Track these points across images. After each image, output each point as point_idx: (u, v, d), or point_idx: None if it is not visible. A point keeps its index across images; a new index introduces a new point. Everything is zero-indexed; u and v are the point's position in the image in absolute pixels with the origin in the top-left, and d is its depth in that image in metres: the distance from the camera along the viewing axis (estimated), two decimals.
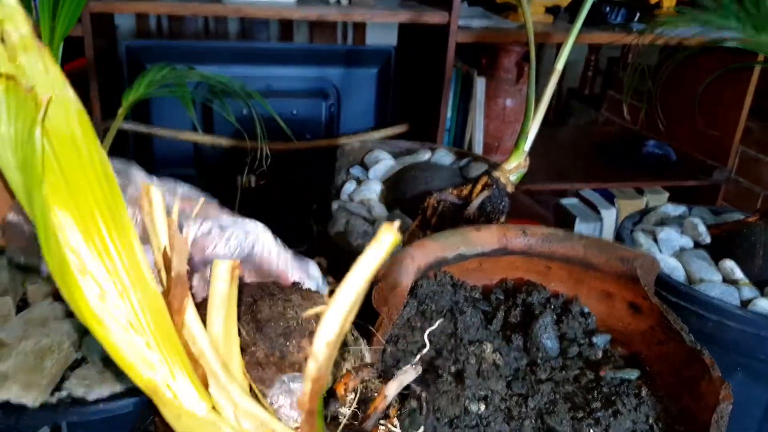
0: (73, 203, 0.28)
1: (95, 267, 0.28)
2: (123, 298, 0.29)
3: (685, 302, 0.64)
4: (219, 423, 0.31)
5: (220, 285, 0.33)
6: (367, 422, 0.39)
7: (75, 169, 0.27)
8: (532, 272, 0.70)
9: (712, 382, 0.58)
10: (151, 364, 0.30)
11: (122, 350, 0.30)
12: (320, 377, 0.28)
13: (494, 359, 0.64)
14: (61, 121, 0.27)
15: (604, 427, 0.60)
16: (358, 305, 0.28)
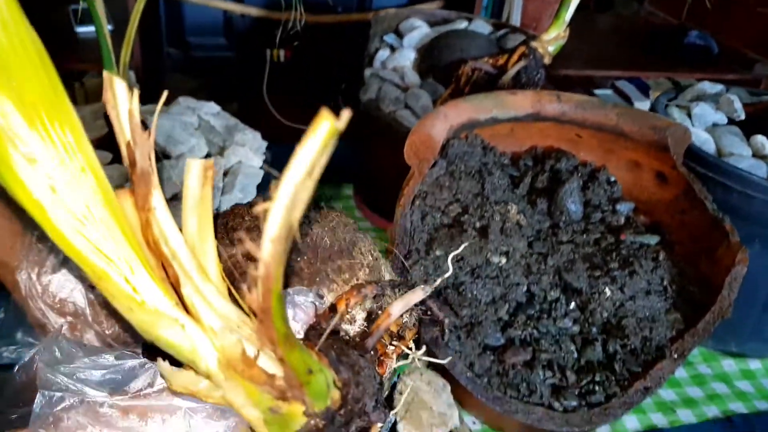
0: (10, 89, 0.26)
1: (43, 156, 0.27)
2: (74, 189, 0.28)
3: (713, 173, 0.65)
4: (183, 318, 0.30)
5: (193, 184, 0.31)
6: (369, 340, 0.38)
7: (7, 53, 0.25)
8: (562, 140, 0.71)
9: (730, 247, 0.60)
10: (106, 257, 0.29)
11: (74, 242, 0.28)
12: (269, 275, 0.26)
13: (518, 219, 0.66)
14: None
15: (620, 285, 0.63)
16: (305, 200, 0.27)
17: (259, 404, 0.30)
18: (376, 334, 0.38)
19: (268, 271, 0.26)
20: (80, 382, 0.34)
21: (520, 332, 0.62)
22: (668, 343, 0.61)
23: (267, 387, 0.30)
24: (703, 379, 0.73)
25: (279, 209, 0.25)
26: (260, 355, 0.30)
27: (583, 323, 0.64)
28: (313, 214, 0.47)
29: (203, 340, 0.30)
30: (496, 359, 0.61)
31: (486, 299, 0.62)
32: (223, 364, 0.30)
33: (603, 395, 0.60)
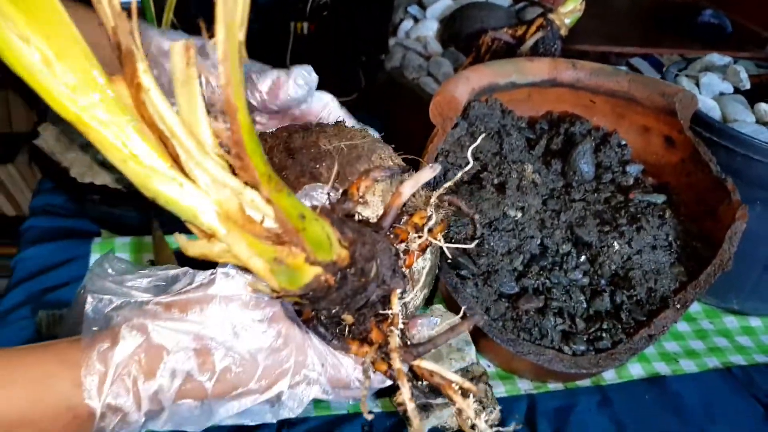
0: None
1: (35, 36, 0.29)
2: (65, 61, 0.30)
3: (718, 138, 0.69)
4: (180, 178, 0.32)
5: (178, 65, 0.31)
6: (384, 219, 0.39)
7: None
8: (577, 105, 0.75)
9: (731, 204, 0.64)
10: (101, 121, 0.31)
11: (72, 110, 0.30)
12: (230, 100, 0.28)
13: (533, 178, 0.71)
14: None
15: (628, 240, 0.68)
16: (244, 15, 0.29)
17: (262, 254, 0.32)
18: (390, 213, 0.39)
19: (228, 95, 0.28)
20: (128, 288, 0.38)
21: (534, 282, 0.67)
22: (672, 294, 0.66)
23: (269, 237, 0.32)
24: (705, 333, 0.78)
25: (220, 23, 0.28)
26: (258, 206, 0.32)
27: (592, 275, 0.68)
28: (331, 129, 0.49)
29: (201, 196, 0.32)
30: (510, 305, 0.66)
31: (502, 250, 0.67)
32: (222, 217, 0.32)
33: (610, 341, 0.65)
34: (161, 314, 0.36)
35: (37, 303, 0.71)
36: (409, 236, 0.40)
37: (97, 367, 0.34)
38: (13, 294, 0.73)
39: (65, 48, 0.30)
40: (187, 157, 0.32)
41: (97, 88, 0.31)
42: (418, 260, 0.43)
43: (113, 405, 0.34)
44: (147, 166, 0.32)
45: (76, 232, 0.82)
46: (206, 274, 0.38)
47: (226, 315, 0.36)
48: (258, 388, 0.37)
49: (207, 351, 0.36)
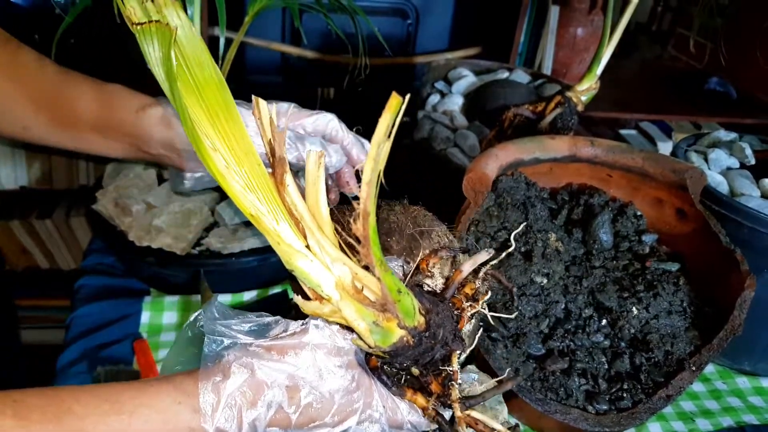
0: (202, 102, 0.41)
1: (220, 146, 0.41)
2: (240, 167, 0.41)
3: (726, 211, 0.75)
4: (310, 256, 0.42)
5: (311, 167, 0.43)
6: (447, 291, 0.48)
7: (200, 76, 0.40)
8: (595, 179, 0.82)
9: (741, 274, 0.70)
10: (262, 212, 0.42)
11: (243, 203, 0.42)
12: (366, 209, 0.38)
13: (557, 246, 0.76)
14: (188, 46, 0.41)
15: (645, 305, 0.73)
16: (385, 154, 0.38)
17: (365, 318, 0.41)
18: (452, 286, 0.48)
19: (365, 206, 0.38)
20: (234, 331, 0.45)
21: (559, 344, 0.72)
22: (687, 356, 0.70)
23: (370, 305, 0.42)
24: (719, 393, 0.82)
25: (370, 161, 0.37)
26: (363, 280, 0.42)
27: (613, 338, 0.73)
28: (398, 207, 0.58)
29: (324, 271, 0.42)
30: (537, 366, 0.70)
31: (530, 314, 0.72)
32: (339, 287, 0.41)
33: (630, 401, 0.69)
34: (264, 355, 0.43)
35: (94, 358, 0.76)
36: (463, 305, 0.48)
37: (212, 396, 0.40)
38: (70, 350, 0.79)
39: (242, 157, 0.41)
40: (311, 237, 0.43)
41: (260, 187, 0.42)
42: (467, 324, 0.49)
43: (221, 428, 0.40)
44: (289, 245, 0.42)
45: (127, 291, 0.88)
46: (298, 323, 0.46)
47: (315, 360, 0.43)
48: (331, 423, 0.43)
49: (296, 388, 0.42)
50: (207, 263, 0.80)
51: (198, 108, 0.41)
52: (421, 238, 0.54)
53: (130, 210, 0.84)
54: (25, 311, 1.75)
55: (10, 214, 1.59)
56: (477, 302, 0.49)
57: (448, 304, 0.47)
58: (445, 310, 0.45)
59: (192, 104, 0.41)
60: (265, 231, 0.42)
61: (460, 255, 0.51)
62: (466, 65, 1.07)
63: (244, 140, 0.42)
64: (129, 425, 0.39)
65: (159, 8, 0.41)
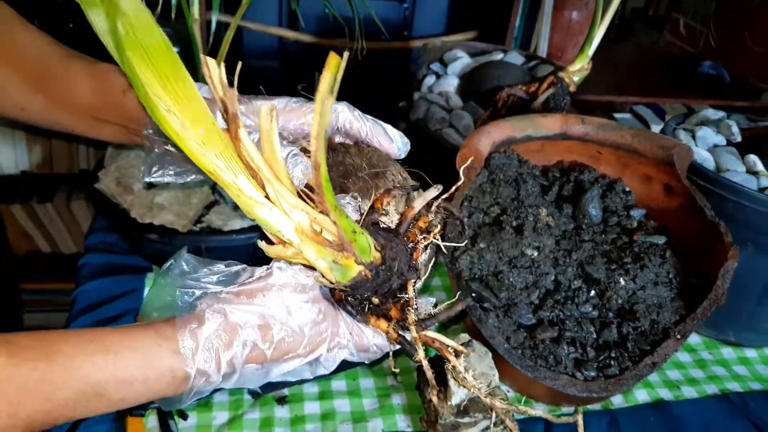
0: (153, 66, 0.42)
1: (174, 107, 0.43)
2: (195, 126, 0.43)
3: (712, 186, 0.77)
4: (270, 205, 0.45)
5: (265, 123, 0.46)
6: (401, 227, 0.52)
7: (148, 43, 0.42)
8: (585, 156, 0.84)
9: (724, 246, 0.72)
10: (220, 168, 0.44)
11: (201, 161, 0.44)
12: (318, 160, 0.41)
13: (547, 221, 0.79)
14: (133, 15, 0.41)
15: (632, 276, 0.75)
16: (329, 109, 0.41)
17: (325, 257, 0.45)
18: (405, 222, 0.51)
19: (316, 158, 0.41)
20: (203, 283, 0.49)
21: (549, 314, 0.75)
22: (672, 325, 0.73)
23: (329, 245, 0.45)
24: (704, 363, 0.85)
25: (316, 115, 0.40)
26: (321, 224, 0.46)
27: (601, 308, 0.76)
28: (353, 149, 0.60)
29: (283, 217, 0.45)
30: (528, 335, 0.73)
31: (520, 285, 0.75)
32: (298, 231, 0.45)
33: (617, 368, 0.72)
34: (234, 300, 0.46)
35: None
36: (417, 237, 0.52)
37: (190, 342, 0.44)
38: (74, 325, 0.81)
39: (196, 117, 0.44)
40: (269, 187, 0.46)
41: (216, 144, 0.44)
42: (422, 255, 0.54)
43: (201, 369, 0.44)
44: (249, 196, 0.45)
45: (130, 268, 0.90)
46: (263, 268, 0.49)
47: (282, 299, 0.47)
48: (304, 353, 0.48)
49: (268, 326, 0.46)
50: (208, 240, 0.82)
51: (149, 73, 0.42)
52: (376, 178, 0.56)
53: (131, 188, 0.86)
54: (27, 295, 1.78)
55: (12, 199, 1.61)
56: (430, 234, 0.53)
57: (402, 238, 0.51)
58: (400, 244, 0.49)
59: (143, 70, 0.42)
60: (225, 185, 0.45)
61: (413, 192, 0.54)
62: (462, 47, 1.09)
63: (197, 101, 0.44)
64: (114, 364, 0.42)
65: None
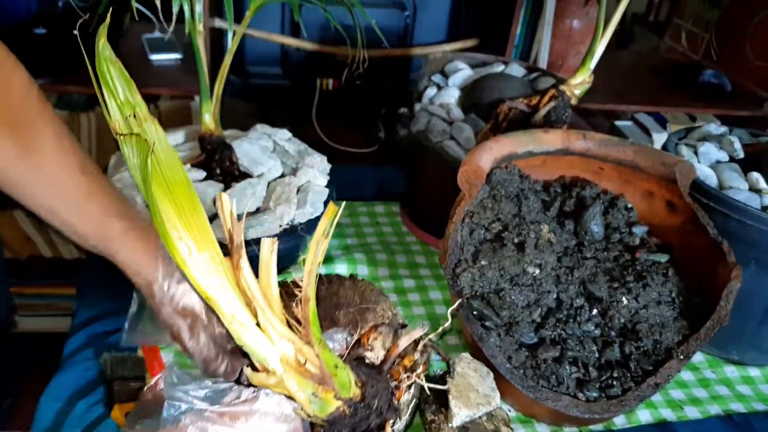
0: (172, 199, 0.47)
1: (186, 236, 0.47)
2: (202, 253, 0.48)
3: (714, 204, 0.76)
4: (259, 333, 0.49)
5: (264, 253, 0.50)
6: (385, 364, 0.54)
7: (171, 178, 0.47)
8: (587, 171, 0.83)
9: (727, 265, 0.72)
10: (219, 293, 0.48)
11: (202, 285, 0.48)
12: (307, 295, 0.46)
13: (549, 238, 0.78)
14: (162, 154, 0.47)
15: (635, 295, 0.75)
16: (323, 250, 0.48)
17: (305, 389, 0.47)
18: (389, 360, 0.54)
19: (306, 293, 0.45)
20: (191, 397, 0.51)
21: (551, 333, 0.74)
22: (675, 345, 0.73)
23: (310, 377, 0.47)
24: (707, 382, 0.84)
25: (310, 257, 0.45)
26: (306, 355, 0.48)
27: (603, 327, 0.75)
28: (348, 282, 0.62)
29: (270, 347, 0.48)
30: (530, 354, 0.73)
31: (522, 303, 0.74)
32: (283, 361, 0.48)
33: (620, 389, 0.72)
34: (217, 420, 0.49)
35: (100, 345, 0.78)
36: (401, 376, 0.54)
37: None
38: (76, 337, 0.81)
39: (204, 244, 0.48)
40: (261, 315, 0.49)
41: (219, 273, 0.49)
42: (405, 394, 0.55)
43: None
44: (241, 323, 0.48)
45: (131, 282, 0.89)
46: (250, 391, 0.51)
47: (263, 426, 0.49)
48: None
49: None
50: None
51: (169, 205, 0.47)
52: (366, 312, 0.59)
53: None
54: (28, 299, 1.77)
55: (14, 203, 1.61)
56: (414, 373, 0.56)
57: (385, 375, 0.53)
58: (382, 381, 0.51)
59: (164, 202, 0.46)
60: (220, 313, 0.48)
61: (400, 329, 0.56)
62: (463, 58, 1.08)
63: (206, 231, 0.48)
64: None
65: (140, 122, 0.48)
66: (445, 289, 0.95)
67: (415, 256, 1.03)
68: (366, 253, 1.00)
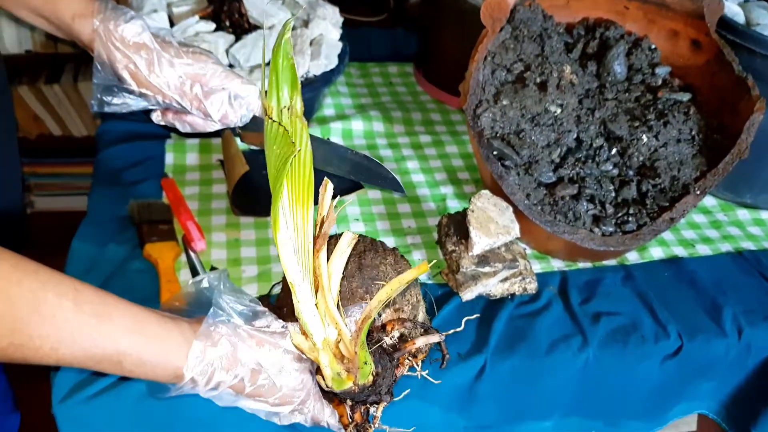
0: (293, 191, 0.52)
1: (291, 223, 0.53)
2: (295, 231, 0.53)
3: (741, 40, 0.75)
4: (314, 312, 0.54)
5: (343, 245, 0.55)
6: (397, 353, 0.58)
7: (300, 175, 0.53)
8: (611, 12, 0.81)
9: (751, 99, 0.71)
10: (295, 269, 0.52)
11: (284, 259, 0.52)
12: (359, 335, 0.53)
13: (571, 79, 0.78)
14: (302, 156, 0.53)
15: (655, 133, 0.75)
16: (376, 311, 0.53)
17: (333, 368, 0.54)
18: (403, 352, 0.58)
19: (358, 335, 0.53)
20: (230, 308, 0.55)
21: (569, 172, 0.75)
22: (693, 181, 0.74)
23: (340, 360, 0.54)
24: (719, 224, 0.86)
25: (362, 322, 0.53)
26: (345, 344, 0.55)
27: (621, 167, 0.76)
28: (390, 258, 0.64)
29: (320, 327, 0.53)
30: (548, 192, 0.74)
31: (542, 143, 0.75)
32: (323, 342, 0.53)
33: (635, 225, 0.73)
34: (247, 340, 0.53)
35: (124, 194, 0.80)
36: (404, 361, 0.59)
37: (198, 354, 0.51)
38: (98, 191, 0.82)
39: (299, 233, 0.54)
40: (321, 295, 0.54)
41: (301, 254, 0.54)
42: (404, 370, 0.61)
43: (195, 378, 0.52)
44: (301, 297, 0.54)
45: (149, 135, 0.90)
46: (279, 325, 0.56)
47: (281, 360, 0.54)
48: (272, 403, 0.55)
49: (258, 372, 0.54)
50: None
51: (289, 193, 0.52)
52: (401, 294, 0.62)
53: None
54: (43, 179, 1.79)
55: (19, 80, 1.59)
56: (416, 358, 0.60)
57: (394, 363, 0.57)
58: (389, 368, 0.56)
59: (281, 189, 0.51)
60: (291, 282, 0.53)
61: (420, 329, 0.60)
62: None
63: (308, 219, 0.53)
64: (142, 346, 0.50)
65: (292, 119, 0.54)
66: (461, 144, 0.95)
67: (430, 113, 1.02)
68: (381, 111, 1.00)
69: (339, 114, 0.99)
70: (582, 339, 0.68)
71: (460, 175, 0.90)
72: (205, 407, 0.58)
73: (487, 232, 0.68)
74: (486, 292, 0.71)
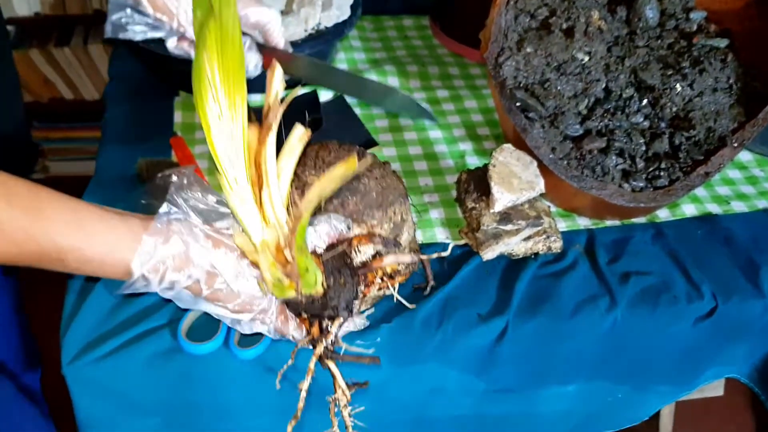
0: (221, 59, 0.47)
1: (222, 98, 0.48)
2: (232, 120, 0.48)
3: None
4: (254, 209, 0.50)
5: (294, 141, 0.51)
6: (362, 268, 0.54)
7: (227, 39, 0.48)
8: None
9: None
10: (230, 162, 0.49)
11: (216, 149, 0.49)
12: (300, 215, 0.47)
13: (600, 25, 0.73)
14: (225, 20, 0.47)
15: (690, 82, 0.70)
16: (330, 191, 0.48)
17: (272, 273, 0.50)
18: (368, 268, 0.54)
19: (301, 213, 0.47)
20: (189, 207, 0.52)
21: (597, 124, 0.71)
22: (730, 133, 0.69)
23: (280, 266, 0.50)
24: (755, 179, 0.81)
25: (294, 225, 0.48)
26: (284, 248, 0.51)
27: (653, 119, 0.72)
28: (377, 170, 0.59)
29: (258, 226, 0.50)
30: (574, 146, 0.70)
31: (569, 93, 0.70)
32: (262, 242, 0.50)
33: (667, 180, 0.69)
34: (201, 240, 0.50)
35: (133, 152, 0.77)
36: (375, 278, 0.54)
37: (148, 250, 0.49)
38: (107, 150, 0.79)
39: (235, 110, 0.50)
40: (266, 191, 0.51)
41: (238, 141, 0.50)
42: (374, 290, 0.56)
43: (145, 276, 0.49)
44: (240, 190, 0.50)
45: (156, 93, 0.87)
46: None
47: (238, 264, 0.51)
48: (231, 309, 0.53)
49: (214, 275, 0.51)
50: None
51: (216, 61, 0.47)
52: (377, 209, 0.57)
53: None
54: (56, 143, 1.78)
55: (29, 43, 1.56)
56: (393, 280, 0.55)
57: (356, 278, 0.53)
58: (349, 283, 0.52)
59: (212, 57, 0.47)
60: (222, 171, 0.49)
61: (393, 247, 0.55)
62: None
63: (242, 98, 0.48)
64: (83, 242, 0.47)
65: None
66: (481, 99, 0.91)
67: (448, 67, 0.98)
68: (396, 65, 0.95)
69: (352, 69, 0.95)
70: (609, 299, 0.65)
71: (480, 130, 0.86)
72: (215, 369, 0.56)
73: (510, 188, 0.65)
74: (508, 252, 0.67)
